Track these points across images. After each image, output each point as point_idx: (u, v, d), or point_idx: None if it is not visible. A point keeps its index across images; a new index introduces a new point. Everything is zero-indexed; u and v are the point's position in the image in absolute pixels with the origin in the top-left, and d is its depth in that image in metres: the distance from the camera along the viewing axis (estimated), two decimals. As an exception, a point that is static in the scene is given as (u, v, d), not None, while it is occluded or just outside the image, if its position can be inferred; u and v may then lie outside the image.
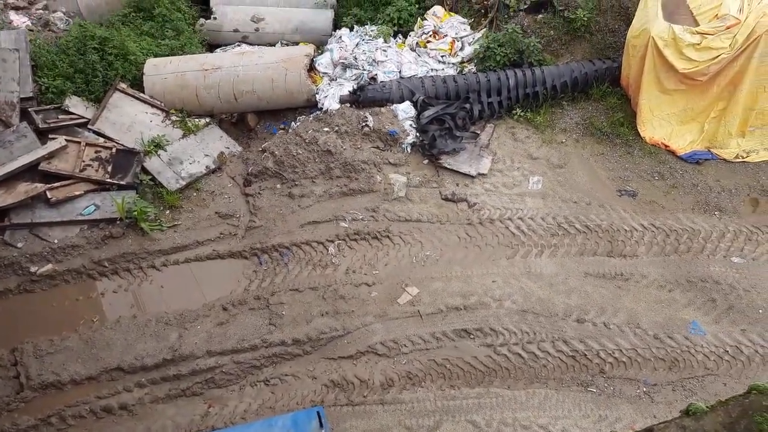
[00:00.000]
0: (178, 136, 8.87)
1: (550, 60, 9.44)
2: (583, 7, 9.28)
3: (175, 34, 9.66)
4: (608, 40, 9.38)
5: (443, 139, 8.75)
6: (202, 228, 8.12)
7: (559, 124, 9.08)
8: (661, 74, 8.33)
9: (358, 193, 8.37)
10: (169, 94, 9.03)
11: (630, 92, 8.95)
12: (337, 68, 9.53)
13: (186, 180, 8.44)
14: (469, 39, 9.81)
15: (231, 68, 9.07)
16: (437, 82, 9.11)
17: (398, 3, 9.98)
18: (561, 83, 9.09)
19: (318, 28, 10.09)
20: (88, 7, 9.85)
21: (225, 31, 10.06)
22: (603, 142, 8.84)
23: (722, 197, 8.22)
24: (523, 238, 7.91)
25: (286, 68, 9.05)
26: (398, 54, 9.64)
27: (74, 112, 8.66)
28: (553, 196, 8.31)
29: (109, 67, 8.93)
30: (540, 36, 9.43)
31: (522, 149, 8.84)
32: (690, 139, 8.60)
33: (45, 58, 8.81)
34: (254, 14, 10.06)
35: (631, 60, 8.64)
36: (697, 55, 8.01)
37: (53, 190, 7.94)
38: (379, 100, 9.01)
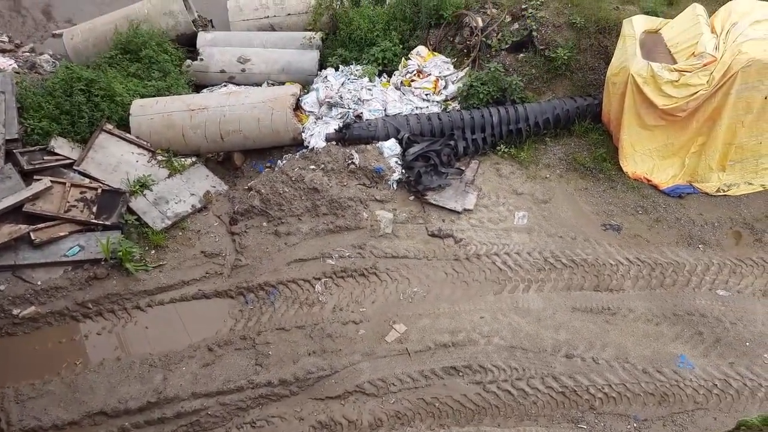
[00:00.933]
0: (164, 175, 8.88)
1: (533, 97, 9.60)
2: (563, 47, 9.49)
3: (161, 75, 9.74)
4: (588, 78, 9.58)
5: (429, 175, 8.81)
6: (187, 267, 8.07)
7: (542, 160, 9.19)
8: (641, 110, 8.49)
9: (345, 230, 8.38)
10: (155, 134, 9.06)
11: (611, 128, 9.11)
12: (322, 107, 9.63)
13: (172, 219, 8.41)
14: (453, 78, 9.96)
15: (217, 108, 9.13)
16: (422, 119, 9.22)
17: (383, 43, 10.14)
18: (543, 120, 9.23)
19: (304, 68, 10.21)
20: (75, 49, 9.94)
21: (211, 72, 10.16)
22: (586, 177, 8.94)
23: (705, 230, 8.32)
24: (510, 274, 7.92)
25: (272, 108, 9.12)
26: (383, 93, 9.77)
27: (60, 153, 8.66)
28: (539, 231, 8.35)
29: (96, 108, 8.97)
30: (522, 74, 9.60)
31: (507, 185, 8.92)
32: (672, 173, 8.73)
33: (31, 100, 8.84)
34: (241, 55, 10.18)
35: (611, 97, 8.82)
36: (676, 92, 8.18)
37: (37, 232, 7.88)
38: (365, 138, 9.09)
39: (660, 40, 8.74)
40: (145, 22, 10.25)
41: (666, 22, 8.96)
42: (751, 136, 8.38)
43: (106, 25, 10.38)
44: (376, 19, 10.33)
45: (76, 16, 11.81)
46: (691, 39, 8.32)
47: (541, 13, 9.79)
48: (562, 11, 9.78)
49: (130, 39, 9.88)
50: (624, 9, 9.83)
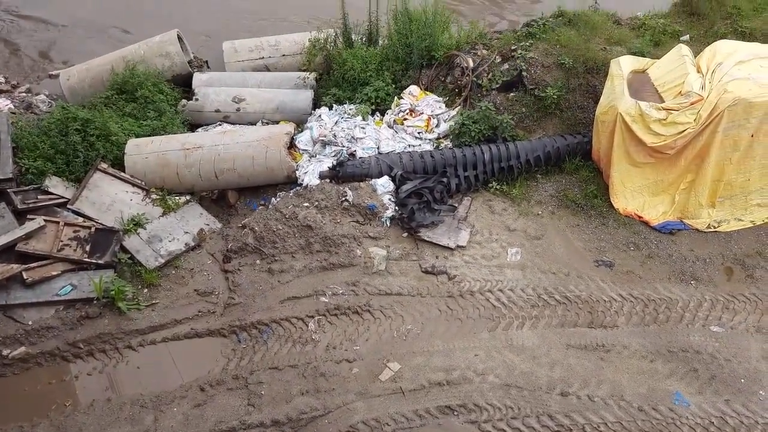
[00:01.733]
0: (158, 214, 8.90)
1: (523, 135, 9.73)
2: (553, 86, 9.67)
3: (157, 115, 9.84)
4: (578, 117, 9.74)
5: (422, 212, 8.86)
6: (180, 306, 8.02)
7: (534, 197, 9.27)
8: (630, 148, 8.62)
9: (339, 267, 8.38)
10: (150, 173, 9.12)
11: (601, 166, 9.22)
12: (316, 145, 9.72)
13: (165, 258, 8.40)
14: (445, 116, 10.11)
15: (212, 147, 9.21)
16: (415, 157, 9.32)
17: (375, 83, 10.30)
18: (534, 157, 9.34)
19: (298, 108, 10.34)
20: (71, 89, 10.05)
21: (207, 112, 10.27)
22: (578, 214, 9.01)
23: (697, 266, 8.36)
24: (504, 310, 7.91)
25: (266, 146, 9.21)
26: (376, 131, 9.89)
27: (54, 193, 8.68)
28: (532, 268, 8.38)
29: (91, 147, 9.03)
30: (512, 113, 9.76)
31: (499, 221, 8.97)
32: (662, 210, 8.82)
33: (26, 140, 8.90)
34: (236, 95, 10.32)
35: (600, 135, 8.95)
36: (664, 130, 8.32)
37: (30, 271, 7.84)
38: (359, 176, 9.17)
39: (647, 79, 8.92)
40: (141, 63, 10.41)
41: (652, 62, 9.17)
42: (739, 173, 8.50)
43: (103, 66, 10.54)
44: (369, 59, 10.50)
45: (73, 57, 11.99)
46: (678, 78, 8.50)
47: (531, 54, 10.00)
48: (550, 52, 9.99)
49: (126, 79, 10.01)
50: (611, 50, 10.06)
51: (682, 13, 11.11)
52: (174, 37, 10.85)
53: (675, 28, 10.71)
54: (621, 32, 10.58)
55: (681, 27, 10.76)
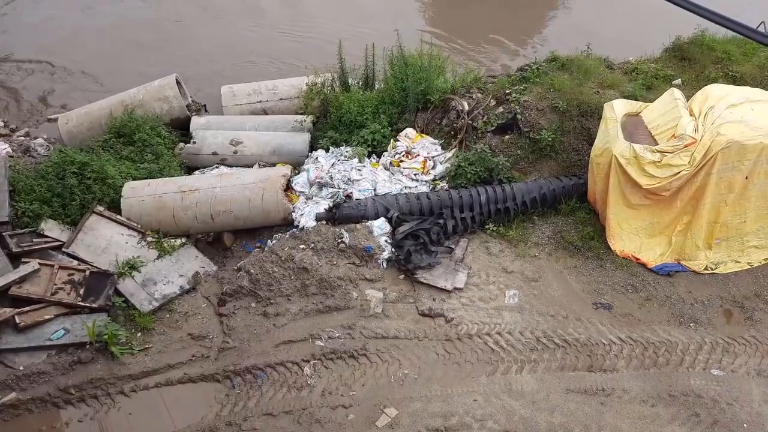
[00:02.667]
0: (154, 256, 8.86)
1: (519, 177, 9.78)
2: (547, 129, 9.77)
3: (154, 158, 9.90)
4: (573, 159, 9.81)
5: (418, 254, 8.83)
6: (173, 351, 7.92)
7: (531, 238, 9.26)
8: (626, 190, 8.65)
9: (335, 310, 8.30)
10: (146, 216, 9.11)
11: (598, 207, 9.24)
12: (313, 187, 9.75)
13: (159, 301, 8.33)
14: (441, 158, 10.17)
15: (209, 189, 9.23)
16: (411, 198, 9.34)
17: (372, 126, 10.39)
18: (531, 199, 9.37)
19: (295, 150, 10.41)
20: (70, 133, 10.12)
21: (204, 154, 10.33)
22: (575, 256, 8.99)
23: (696, 309, 8.31)
24: (503, 354, 7.82)
25: (263, 188, 9.23)
26: (373, 173, 9.93)
27: (49, 236, 8.66)
28: (530, 310, 8.31)
29: (88, 190, 9.05)
30: (508, 155, 9.82)
31: (497, 263, 8.94)
32: (659, 251, 8.80)
33: (23, 183, 8.92)
34: (233, 138, 10.39)
35: (596, 177, 9.00)
36: (659, 172, 8.37)
37: (22, 315, 7.77)
38: (355, 217, 9.16)
39: (641, 122, 9.02)
40: (139, 107, 10.52)
41: (645, 106, 9.28)
42: (734, 215, 8.53)
43: (101, 110, 10.65)
44: (366, 103, 10.62)
45: (73, 102, 12.14)
46: (671, 121, 8.59)
47: (525, 98, 10.13)
48: (544, 96, 10.12)
49: (124, 123, 10.11)
50: (604, 93, 10.21)
51: (673, 58, 11.31)
52: (173, 82, 10.99)
53: (667, 73, 10.88)
54: (614, 76, 10.74)
55: (673, 71, 10.94)
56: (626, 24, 13.94)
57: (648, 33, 11.58)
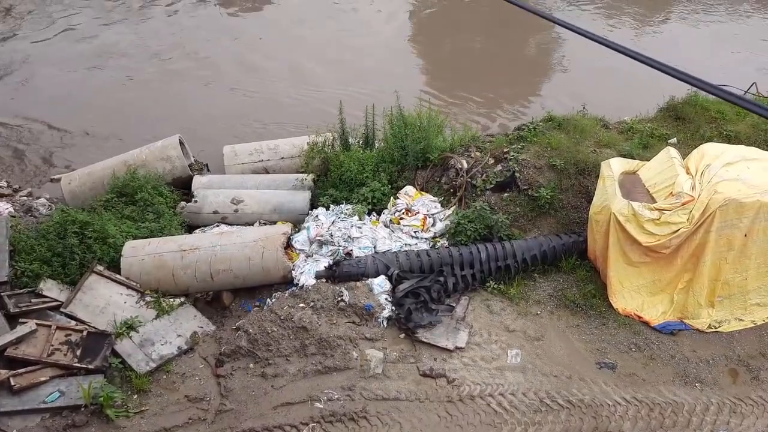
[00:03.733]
0: (152, 316, 8.79)
1: (519, 234, 9.80)
2: (546, 187, 9.86)
3: (155, 217, 9.95)
4: (572, 216, 9.86)
5: (419, 312, 8.76)
6: (170, 413, 7.75)
7: (532, 296, 9.20)
8: (625, 247, 8.66)
9: (334, 370, 8.17)
10: (145, 275, 9.09)
11: (598, 265, 9.23)
12: (313, 245, 9.77)
13: (156, 362, 8.22)
14: (441, 216, 10.22)
15: (209, 248, 9.24)
16: (411, 256, 9.33)
17: (372, 184, 10.50)
18: (531, 256, 9.37)
19: (296, 208, 10.48)
20: (72, 193, 10.21)
21: (205, 213, 10.40)
22: (577, 314, 8.92)
23: (701, 368, 8.18)
24: (506, 416, 7.65)
25: (263, 246, 9.24)
26: (373, 230, 9.96)
27: (48, 296, 8.62)
28: (533, 370, 8.19)
29: (88, 250, 9.06)
30: (507, 212, 9.88)
31: (498, 321, 8.86)
32: (662, 309, 8.74)
33: (24, 243, 8.95)
34: (234, 197, 10.48)
35: (595, 234, 9.02)
36: (658, 230, 8.39)
37: (18, 377, 7.64)
38: (355, 275, 9.13)
39: (638, 180, 9.11)
40: (142, 167, 10.65)
41: (642, 164, 9.39)
42: (736, 272, 8.50)
43: (105, 170, 10.78)
44: (366, 161, 10.76)
45: (76, 162, 12.30)
46: (668, 180, 8.68)
47: (523, 156, 10.26)
48: (542, 154, 10.26)
49: (126, 183, 10.22)
50: (601, 152, 10.34)
51: (668, 117, 11.52)
52: (176, 142, 11.17)
53: (662, 132, 11.06)
54: (610, 136, 10.92)
55: (668, 131, 11.13)
56: (620, 85, 14.27)
57: (642, 93, 11.84)
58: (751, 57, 17.22)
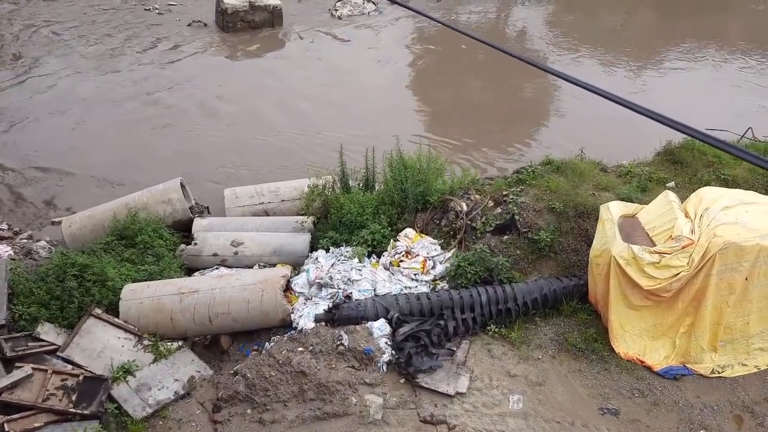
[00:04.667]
0: (149, 360, 8.70)
1: (520, 277, 9.77)
2: (545, 230, 9.88)
3: (155, 260, 9.95)
4: (572, 259, 9.85)
5: (419, 356, 8.67)
6: (166, 461, 7.62)
7: (534, 340, 9.12)
8: (626, 291, 8.63)
9: (333, 416, 8.04)
10: (143, 318, 9.03)
11: (599, 308, 9.19)
12: (312, 288, 9.73)
13: (153, 408, 8.10)
14: (441, 258, 10.21)
15: (208, 291, 9.20)
16: (411, 299, 9.28)
17: (372, 226, 10.52)
18: (532, 299, 9.32)
19: (296, 251, 10.48)
20: (73, 236, 10.23)
21: (205, 256, 10.39)
22: (579, 359, 8.83)
23: (705, 414, 8.06)
24: (508, 464, 7.51)
25: (262, 289, 9.21)
26: (373, 273, 9.94)
27: (45, 339, 8.54)
28: (535, 416, 8.06)
29: (87, 293, 9.03)
30: (507, 255, 9.87)
31: (499, 366, 8.76)
32: (664, 354, 8.66)
33: (23, 286, 8.92)
34: (234, 239, 10.49)
35: (596, 278, 9.00)
36: (658, 273, 8.38)
37: (12, 423, 7.51)
38: (354, 318, 9.06)
39: (637, 223, 9.13)
40: (143, 210, 10.69)
41: (641, 208, 9.43)
42: (737, 316, 8.46)
43: (105, 213, 10.81)
44: (366, 204, 10.80)
45: (77, 205, 12.34)
46: (667, 223, 8.71)
47: (522, 199, 10.31)
48: (541, 197, 10.31)
49: (127, 225, 10.24)
50: (600, 195, 10.40)
51: (665, 161, 11.63)
52: (177, 185, 11.24)
53: (660, 176, 11.15)
54: (608, 179, 11.00)
55: (666, 174, 11.21)
56: (618, 129, 14.44)
57: (639, 138, 11.96)
58: (747, 101, 17.52)
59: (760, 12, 25.94)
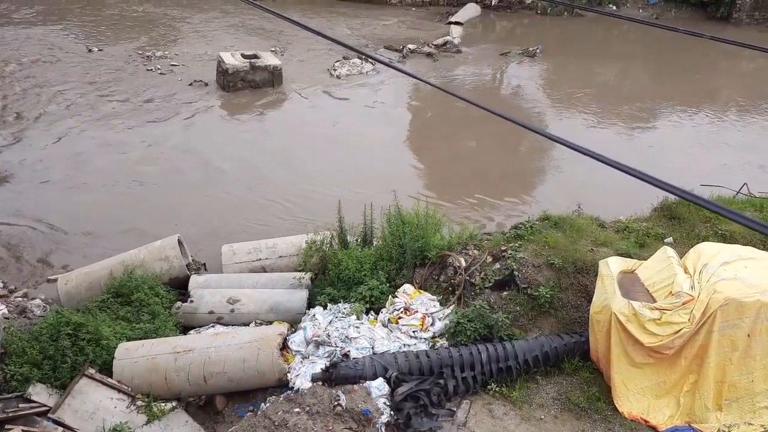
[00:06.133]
0: (142, 422, 8.50)
1: (520, 334, 9.65)
2: (545, 286, 9.82)
3: (150, 318, 9.84)
4: (572, 316, 9.76)
5: (419, 417, 8.48)
6: None
7: (536, 400, 8.94)
8: (628, 348, 8.52)
9: (330, 484, 7.81)
10: (137, 378, 8.87)
11: (601, 366, 9.04)
12: (310, 346, 9.59)
13: (145, 472, 7.87)
14: (440, 315, 10.11)
15: (203, 349, 9.07)
16: (410, 357, 9.13)
17: (370, 282, 10.45)
18: (533, 357, 9.18)
19: (293, 308, 10.38)
20: (68, 294, 10.16)
21: (200, 313, 10.29)
22: (582, 418, 8.63)
23: (713, 477, 7.83)
24: None
25: (258, 348, 9.08)
26: (371, 330, 9.81)
27: (36, 400, 8.37)
28: (538, 479, 7.83)
29: (80, 352, 8.89)
30: (507, 311, 9.77)
31: (501, 427, 8.55)
32: (668, 413, 8.47)
33: (16, 345, 8.79)
34: (231, 296, 10.41)
35: (597, 335, 8.89)
36: (660, 330, 8.28)
37: (-4, 489, 7.29)
38: (352, 378, 8.89)
39: (637, 279, 9.09)
40: (140, 267, 10.65)
41: (640, 263, 9.41)
42: (741, 374, 8.31)
43: (102, 270, 10.76)
44: (364, 259, 10.77)
45: (74, 262, 12.29)
46: (667, 279, 8.66)
47: (521, 254, 10.28)
48: (540, 252, 10.29)
49: (123, 283, 10.18)
50: (598, 251, 10.39)
51: (662, 217, 11.67)
52: (174, 242, 11.23)
53: (658, 231, 11.16)
54: (606, 235, 11.01)
55: (663, 230, 11.23)
56: (614, 184, 14.46)
57: (636, 193, 11.92)
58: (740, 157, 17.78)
59: (750, 71, 26.58)
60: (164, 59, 23.81)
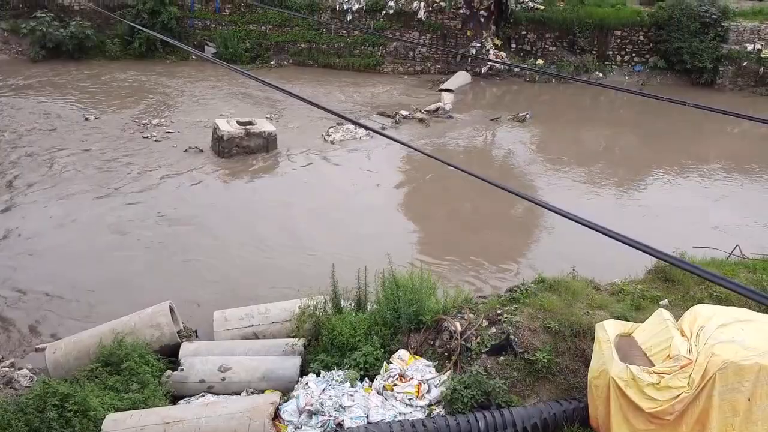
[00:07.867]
0: (128, 498, 8.17)
1: (518, 401, 9.46)
2: (542, 350, 9.69)
3: (139, 387, 9.61)
4: (571, 381, 9.58)
5: (416, 489, 8.20)
6: None
7: (535, 469, 8.68)
8: (628, 414, 8.33)
9: None
10: (124, 452, 8.59)
11: (601, 433, 8.83)
12: (302, 416, 9.35)
13: None
14: (436, 381, 9.92)
15: (193, 420, 8.82)
16: (406, 426, 8.90)
17: (364, 348, 10.30)
18: (531, 425, 8.96)
19: (285, 375, 10.19)
20: (56, 363, 9.95)
21: (191, 382, 10.08)
22: (585, 489, 8.37)
23: None
24: None
25: (250, 418, 8.85)
26: (365, 398, 9.60)
27: (17, 477, 8.07)
28: None
29: (67, 424, 8.61)
30: (504, 377, 9.60)
31: (500, 499, 8.27)
32: (672, 481, 8.22)
33: (1, 418, 8.53)
34: (222, 364, 10.23)
35: (596, 401, 8.72)
36: (659, 395, 8.13)
37: None
38: (347, 449, 8.66)
39: (634, 343, 8.99)
40: (130, 335, 10.48)
41: (637, 326, 9.32)
42: (744, 440, 8.13)
43: (92, 338, 10.57)
44: (358, 325, 10.64)
45: (63, 330, 12.09)
46: (664, 342, 8.57)
47: (517, 318, 10.20)
48: (536, 316, 10.21)
49: (113, 351, 10.00)
50: (594, 314, 10.31)
51: (657, 279, 11.65)
52: (166, 309, 11.10)
53: (653, 293, 11.12)
54: (601, 297, 10.95)
55: (658, 292, 11.19)
56: (607, 245, 14.53)
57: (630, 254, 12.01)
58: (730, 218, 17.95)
59: (736, 135, 27.18)
60: (160, 126, 24.18)
